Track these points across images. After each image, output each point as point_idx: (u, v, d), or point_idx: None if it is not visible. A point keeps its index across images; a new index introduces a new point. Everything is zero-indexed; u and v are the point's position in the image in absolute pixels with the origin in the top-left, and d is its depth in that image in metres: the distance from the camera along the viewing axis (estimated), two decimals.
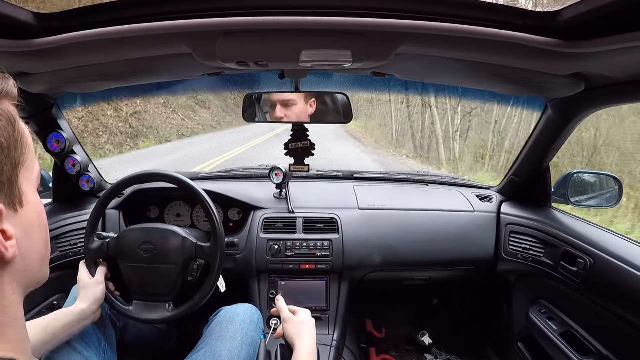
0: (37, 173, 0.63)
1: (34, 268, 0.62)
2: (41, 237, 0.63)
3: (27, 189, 0.59)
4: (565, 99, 1.53)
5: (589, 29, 0.91)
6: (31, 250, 0.60)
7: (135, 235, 1.52)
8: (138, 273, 1.52)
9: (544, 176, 1.99)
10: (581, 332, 1.60)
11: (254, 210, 2.11)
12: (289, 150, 1.83)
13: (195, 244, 1.52)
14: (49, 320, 1.27)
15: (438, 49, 1.10)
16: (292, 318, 1.31)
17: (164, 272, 1.50)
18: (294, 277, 2.01)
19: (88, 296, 1.40)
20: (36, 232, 0.61)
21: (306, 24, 0.97)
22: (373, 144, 19.25)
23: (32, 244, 0.60)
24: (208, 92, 20.71)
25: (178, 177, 1.56)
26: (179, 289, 1.54)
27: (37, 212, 0.62)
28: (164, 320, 1.51)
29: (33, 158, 0.62)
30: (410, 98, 18.03)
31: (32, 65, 1.23)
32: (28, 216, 0.59)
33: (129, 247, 1.52)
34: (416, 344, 2.57)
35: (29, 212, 0.59)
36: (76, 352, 1.31)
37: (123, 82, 1.60)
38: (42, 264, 0.65)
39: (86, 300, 1.39)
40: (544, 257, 1.81)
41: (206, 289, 1.51)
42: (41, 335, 1.21)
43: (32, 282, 0.63)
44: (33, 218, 0.61)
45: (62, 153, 1.89)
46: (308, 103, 1.67)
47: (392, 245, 2.04)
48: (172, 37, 1.04)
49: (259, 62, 1.18)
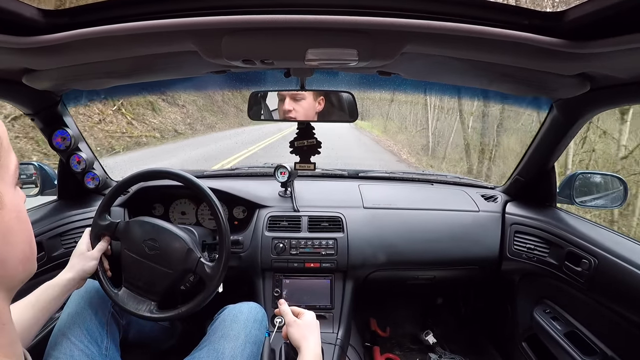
0: (13, 169, 0.59)
1: (15, 270, 0.58)
2: (22, 237, 0.59)
3: (3, 190, 0.56)
4: (570, 99, 1.53)
5: (595, 29, 0.91)
6: (11, 253, 0.57)
7: (144, 229, 1.53)
8: (136, 265, 1.52)
9: (549, 176, 1.99)
10: (585, 332, 1.60)
11: (259, 208, 2.12)
12: (295, 148, 1.83)
13: (199, 259, 1.52)
14: (36, 296, 1.27)
15: (444, 49, 1.10)
16: (297, 322, 1.30)
17: (160, 274, 1.50)
18: (298, 276, 2.02)
19: (77, 267, 1.41)
20: (16, 234, 0.58)
21: (312, 22, 0.97)
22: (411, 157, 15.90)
23: (11, 248, 0.57)
24: (213, 90, 19.87)
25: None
26: (169, 294, 1.54)
27: (16, 212, 0.58)
28: (145, 318, 1.50)
29: (8, 153, 0.58)
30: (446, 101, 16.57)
31: (38, 61, 1.23)
32: (5, 220, 0.56)
33: (135, 237, 1.53)
34: (420, 343, 2.57)
35: (5, 215, 0.56)
36: (78, 349, 1.32)
37: (129, 79, 1.60)
38: (25, 263, 0.60)
39: (74, 271, 1.39)
40: (548, 257, 1.81)
41: (197, 304, 1.50)
42: (31, 313, 1.21)
43: (15, 284, 0.60)
44: (11, 220, 0.57)
45: (67, 150, 1.90)
46: (317, 100, 1.67)
47: (396, 244, 2.04)
48: (178, 35, 1.04)
49: (265, 60, 1.18)
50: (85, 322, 1.41)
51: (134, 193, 2.08)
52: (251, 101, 1.72)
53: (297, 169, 1.87)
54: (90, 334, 1.39)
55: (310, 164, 1.83)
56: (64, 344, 1.31)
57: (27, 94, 1.60)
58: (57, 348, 1.30)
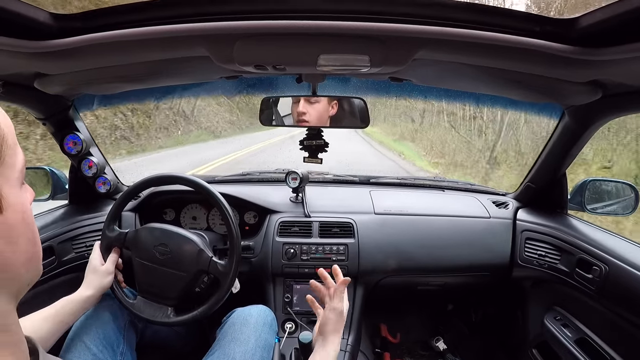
0: (19, 167, 0.56)
1: (19, 272, 0.55)
2: (27, 238, 0.56)
3: (7, 192, 0.52)
4: (582, 106, 1.53)
5: (607, 36, 0.91)
6: (15, 255, 0.53)
7: (154, 235, 1.54)
8: (149, 272, 1.53)
9: (560, 183, 1.98)
10: (596, 340, 1.59)
11: (270, 213, 2.12)
12: (304, 146, 1.84)
13: (211, 258, 1.53)
14: (56, 309, 1.28)
15: (456, 55, 1.10)
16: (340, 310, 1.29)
17: (173, 278, 1.52)
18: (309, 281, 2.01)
19: (95, 284, 1.42)
20: (21, 235, 0.54)
21: (324, 28, 0.98)
22: None
23: (16, 249, 0.53)
24: (224, 95, 20.11)
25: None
26: (185, 297, 1.55)
27: (21, 213, 0.55)
28: (163, 324, 1.52)
29: (14, 151, 0.54)
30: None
31: (49, 66, 1.24)
32: (9, 221, 0.52)
33: (145, 244, 1.54)
34: (430, 349, 2.56)
35: (10, 216, 0.52)
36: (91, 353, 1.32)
37: (140, 84, 1.62)
38: (29, 265, 0.57)
39: (92, 288, 1.40)
40: (559, 264, 1.80)
41: (212, 304, 1.51)
42: (51, 325, 1.23)
43: (21, 286, 0.56)
44: (16, 221, 0.53)
45: (78, 155, 1.91)
46: (330, 104, 1.67)
47: (407, 250, 2.04)
48: (190, 40, 1.05)
49: (277, 66, 1.19)
50: (103, 325, 1.41)
51: (145, 198, 2.10)
52: (263, 106, 1.72)
53: (306, 161, 1.87)
54: (107, 338, 1.39)
55: (317, 159, 1.84)
56: (78, 347, 1.32)
57: (39, 98, 1.61)
58: (71, 351, 1.30)
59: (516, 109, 8.80)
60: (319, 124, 1.71)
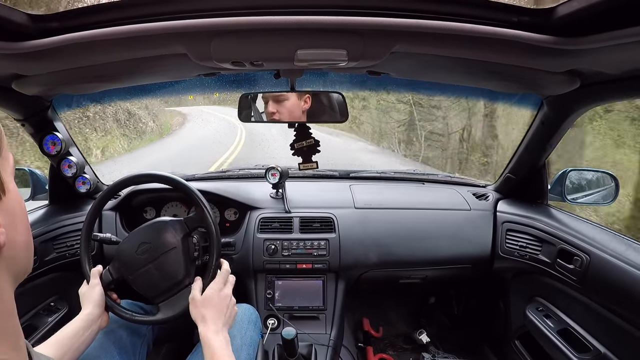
0: (12, 163, 0.63)
1: (21, 254, 0.61)
2: (24, 225, 0.63)
3: (7, 178, 0.59)
4: (560, 95, 1.53)
5: (585, 26, 0.91)
6: (17, 237, 0.60)
7: (130, 244, 1.49)
8: (148, 276, 1.47)
9: (540, 173, 1.99)
10: (578, 330, 1.60)
11: (250, 210, 2.11)
12: (296, 150, 1.81)
13: (183, 219, 1.51)
14: (58, 334, 1.25)
15: (433, 47, 1.09)
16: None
17: (170, 260, 1.47)
18: (290, 277, 2.01)
19: (86, 299, 1.39)
20: (19, 220, 0.62)
21: (301, 23, 0.97)
22: None
23: (17, 231, 0.60)
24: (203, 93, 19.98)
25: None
26: (193, 268, 1.51)
27: (18, 201, 0.62)
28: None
29: (7, 148, 0.62)
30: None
31: (27, 67, 1.22)
32: (11, 204, 0.60)
33: (129, 258, 1.48)
34: (413, 342, 2.57)
35: (10, 200, 0.60)
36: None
37: (119, 83, 1.60)
38: (27, 251, 0.64)
39: (86, 304, 1.37)
40: (540, 255, 1.81)
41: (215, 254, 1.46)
42: (53, 351, 1.19)
43: (21, 271, 0.62)
44: (15, 205, 0.61)
45: (58, 155, 1.89)
46: (302, 99, 1.66)
47: (388, 244, 2.04)
48: (167, 38, 1.04)
49: (255, 62, 1.18)
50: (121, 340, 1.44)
51: (125, 197, 2.07)
52: (241, 103, 1.71)
53: (302, 169, 1.85)
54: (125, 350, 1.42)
55: (312, 163, 1.82)
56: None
57: (17, 99, 1.58)
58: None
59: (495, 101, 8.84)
60: (293, 119, 1.70)
